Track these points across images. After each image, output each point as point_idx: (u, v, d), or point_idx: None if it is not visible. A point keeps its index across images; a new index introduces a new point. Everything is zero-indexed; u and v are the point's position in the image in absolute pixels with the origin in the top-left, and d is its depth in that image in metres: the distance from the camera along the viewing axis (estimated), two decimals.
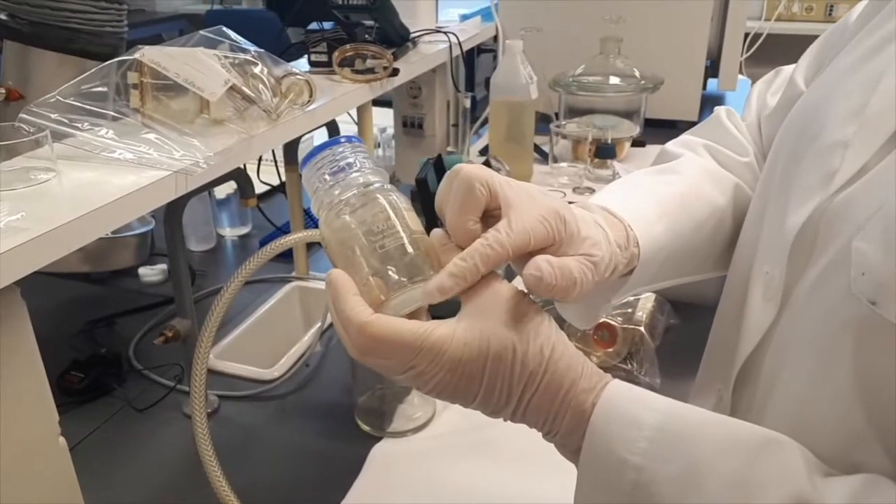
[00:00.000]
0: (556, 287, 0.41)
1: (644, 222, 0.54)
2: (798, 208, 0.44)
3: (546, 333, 0.41)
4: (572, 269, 0.42)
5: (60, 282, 1.16)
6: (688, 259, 0.59)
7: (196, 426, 0.60)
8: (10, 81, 0.92)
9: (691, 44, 1.58)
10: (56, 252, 0.57)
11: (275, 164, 1.25)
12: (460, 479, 0.76)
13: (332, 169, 0.44)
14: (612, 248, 0.49)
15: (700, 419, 0.41)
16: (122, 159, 0.69)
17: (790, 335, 0.45)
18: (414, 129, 1.46)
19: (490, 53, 1.78)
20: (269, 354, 0.99)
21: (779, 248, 0.45)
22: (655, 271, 0.57)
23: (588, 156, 1.38)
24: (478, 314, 0.40)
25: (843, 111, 0.45)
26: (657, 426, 0.40)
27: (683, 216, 0.57)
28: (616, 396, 0.41)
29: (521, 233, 0.42)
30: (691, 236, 0.58)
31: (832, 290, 0.40)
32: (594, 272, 0.44)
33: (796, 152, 0.48)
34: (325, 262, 1.25)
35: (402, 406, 0.86)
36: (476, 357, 0.39)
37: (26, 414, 0.57)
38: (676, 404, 0.42)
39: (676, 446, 0.39)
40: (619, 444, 0.40)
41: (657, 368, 0.92)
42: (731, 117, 0.66)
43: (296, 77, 0.86)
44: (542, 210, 0.43)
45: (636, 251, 0.52)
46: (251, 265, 0.63)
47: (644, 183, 0.61)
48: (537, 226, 0.42)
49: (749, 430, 0.40)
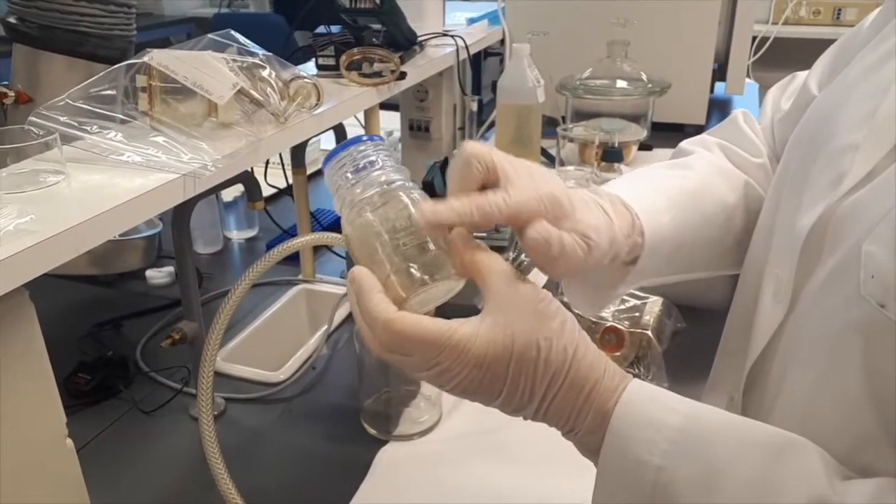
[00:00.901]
0: (551, 254, 0.42)
1: (651, 212, 0.54)
2: (808, 211, 0.45)
3: (570, 332, 0.41)
4: (564, 242, 0.43)
5: (68, 284, 1.16)
6: (696, 254, 0.59)
7: (203, 428, 0.60)
8: (20, 84, 0.93)
9: (699, 47, 1.58)
10: (65, 254, 0.57)
11: (282, 167, 1.25)
12: (466, 482, 0.76)
13: (355, 167, 0.44)
14: (615, 234, 0.50)
15: (720, 421, 0.42)
16: (131, 162, 0.70)
17: (798, 336, 0.45)
18: (421, 133, 1.47)
19: (497, 57, 1.78)
20: (276, 357, 0.99)
21: (789, 250, 0.46)
22: (662, 264, 0.57)
23: (595, 159, 1.38)
24: (502, 312, 0.40)
25: (853, 116, 0.45)
26: (677, 427, 0.40)
27: (691, 210, 0.58)
28: (636, 397, 0.42)
29: (515, 205, 0.42)
30: (699, 231, 0.58)
31: (840, 292, 0.41)
32: (586, 253, 0.45)
33: (808, 156, 0.49)
34: (331, 265, 1.25)
35: (408, 409, 0.86)
36: (501, 355, 0.40)
37: (34, 415, 0.58)
38: (697, 405, 0.42)
39: (696, 448, 0.40)
40: (640, 445, 0.40)
41: (664, 372, 0.92)
42: (747, 119, 0.67)
43: (303, 80, 0.87)
44: (540, 191, 0.44)
45: (640, 240, 0.53)
46: (259, 268, 0.63)
47: (655, 175, 0.62)
48: (532, 203, 0.43)
49: (769, 432, 0.41)
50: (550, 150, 1.46)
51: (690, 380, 0.92)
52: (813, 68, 0.60)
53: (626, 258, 0.53)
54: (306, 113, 0.87)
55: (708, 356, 0.62)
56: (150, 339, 1.05)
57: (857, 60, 0.52)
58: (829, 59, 0.59)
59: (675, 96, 1.50)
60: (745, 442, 0.40)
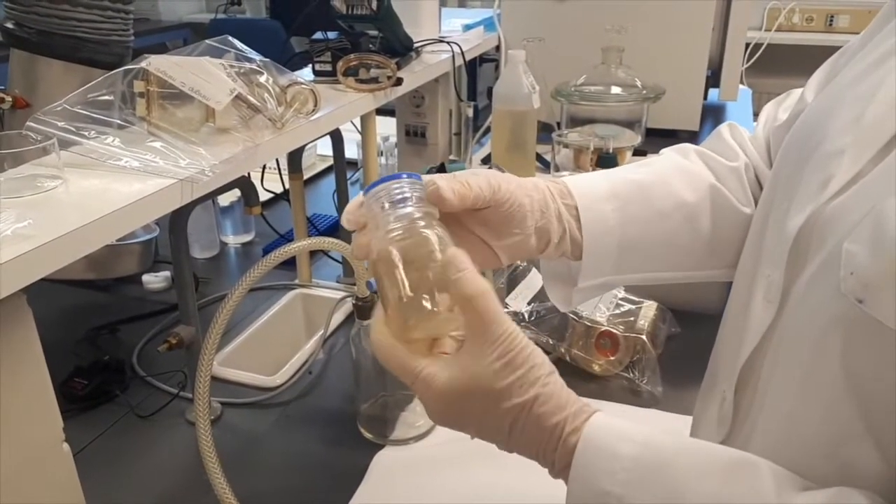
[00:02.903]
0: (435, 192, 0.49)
1: (591, 199, 0.58)
2: (796, 214, 0.46)
3: (534, 376, 0.43)
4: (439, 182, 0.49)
5: (64, 288, 1.16)
6: (655, 250, 0.61)
7: (199, 433, 0.60)
8: (17, 89, 0.93)
9: (692, 54, 1.59)
10: (62, 259, 0.57)
11: (278, 172, 1.25)
12: (462, 486, 0.76)
13: (390, 199, 0.48)
14: (549, 203, 0.56)
15: (675, 447, 0.44)
16: (129, 167, 0.70)
17: (785, 335, 0.47)
18: (417, 138, 1.47)
19: (492, 63, 1.79)
20: (272, 362, 1.00)
21: (779, 252, 0.47)
22: (615, 256, 0.59)
23: (590, 165, 1.38)
24: (471, 353, 0.44)
25: (842, 121, 0.46)
26: (633, 456, 0.43)
27: (639, 202, 0.59)
28: (596, 431, 0.44)
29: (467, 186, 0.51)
30: (652, 225, 0.60)
31: (823, 290, 0.42)
32: (459, 194, 0.50)
33: (799, 161, 0.50)
34: (327, 270, 1.26)
35: (404, 414, 0.86)
36: (462, 396, 0.43)
37: (31, 419, 0.58)
38: (652, 434, 0.44)
39: (653, 474, 0.42)
40: (601, 476, 0.43)
41: (659, 377, 0.93)
42: (731, 130, 0.68)
43: (301, 86, 0.87)
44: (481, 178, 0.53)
45: (575, 222, 0.57)
46: (256, 272, 0.64)
47: (607, 171, 0.64)
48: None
49: (723, 454, 0.43)
50: (545, 155, 1.47)
51: (685, 384, 0.93)
52: (809, 81, 0.61)
53: (574, 251, 0.57)
54: (303, 118, 0.88)
55: (702, 360, 0.63)
56: (146, 343, 1.05)
57: (848, 68, 0.53)
58: (825, 70, 0.60)
59: (670, 102, 1.51)
60: (700, 465, 0.42)
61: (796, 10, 3.49)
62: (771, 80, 3.58)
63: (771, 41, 3.35)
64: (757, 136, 0.67)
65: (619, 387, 0.94)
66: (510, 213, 0.54)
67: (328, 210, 1.44)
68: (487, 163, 1.36)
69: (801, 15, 3.50)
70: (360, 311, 0.83)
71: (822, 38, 3.45)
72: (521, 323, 0.99)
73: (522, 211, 0.54)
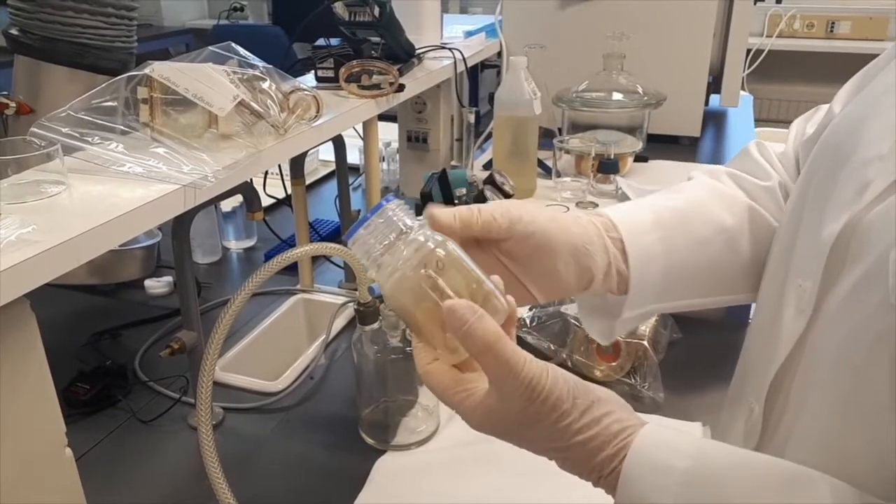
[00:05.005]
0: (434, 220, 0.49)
1: (637, 231, 0.57)
2: (832, 221, 0.45)
3: (563, 424, 0.43)
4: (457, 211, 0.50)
5: (67, 293, 1.16)
6: (698, 276, 0.60)
7: (202, 438, 0.60)
8: (21, 95, 0.94)
9: (694, 60, 1.60)
10: (66, 264, 0.58)
11: (281, 178, 1.26)
12: (464, 492, 0.76)
13: (381, 240, 0.46)
14: (594, 238, 0.55)
15: (728, 459, 0.43)
16: (132, 173, 0.70)
17: (822, 347, 0.46)
18: (418, 144, 1.48)
19: (494, 69, 1.79)
20: (274, 367, 1.00)
21: (813, 261, 0.46)
22: (659, 286, 0.57)
23: (591, 171, 1.39)
24: (499, 398, 0.43)
25: (878, 128, 0.45)
26: (686, 470, 0.42)
27: (681, 230, 0.59)
28: (646, 444, 0.43)
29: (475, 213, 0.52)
30: (694, 253, 0.59)
31: (868, 302, 0.41)
32: (479, 217, 0.51)
33: (832, 169, 0.48)
34: (329, 275, 1.26)
35: (405, 419, 0.86)
36: (499, 433, 0.45)
37: (34, 424, 0.58)
38: (704, 445, 0.44)
39: (707, 488, 0.41)
40: (652, 490, 0.42)
41: (660, 383, 0.93)
42: (759, 148, 0.67)
43: (303, 92, 0.87)
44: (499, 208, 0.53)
45: (620, 255, 0.56)
46: (258, 278, 0.64)
47: (646, 200, 0.62)
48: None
49: (777, 467, 0.42)
50: (547, 161, 1.47)
51: (686, 390, 0.92)
52: (837, 94, 0.60)
53: (620, 284, 0.56)
54: (306, 124, 0.88)
55: (704, 366, 0.63)
56: (148, 348, 1.05)
57: (879, 78, 0.52)
58: (854, 82, 0.59)
59: (671, 108, 1.52)
60: (754, 478, 0.41)
61: (797, 16, 3.50)
62: (772, 86, 3.59)
63: (772, 47, 3.36)
64: (787, 152, 0.66)
65: (621, 393, 0.92)
66: (538, 247, 0.53)
67: (330, 215, 1.44)
68: (489, 168, 1.36)
69: (801, 21, 3.51)
70: (361, 316, 0.83)
71: (822, 45, 3.46)
72: (523, 329, 0.99)
73: (552, 245, 0.53)
